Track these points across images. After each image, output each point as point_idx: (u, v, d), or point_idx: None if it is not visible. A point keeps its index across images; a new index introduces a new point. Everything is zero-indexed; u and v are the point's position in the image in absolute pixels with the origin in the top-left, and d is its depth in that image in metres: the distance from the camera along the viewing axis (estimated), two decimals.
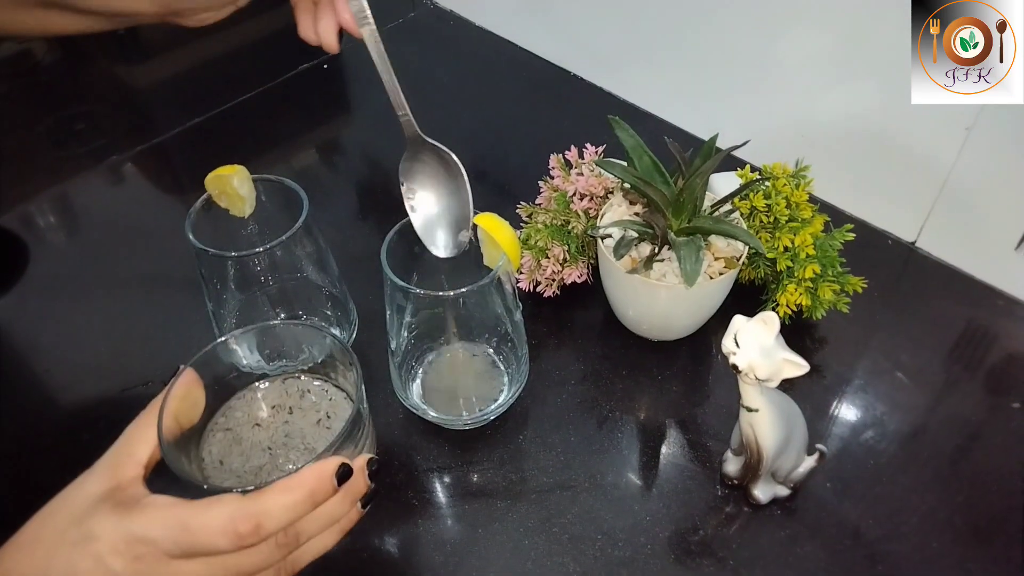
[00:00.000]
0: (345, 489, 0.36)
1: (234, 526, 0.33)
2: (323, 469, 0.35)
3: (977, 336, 0.61)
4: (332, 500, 0.36)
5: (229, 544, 0.33)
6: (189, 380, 0.41)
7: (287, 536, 0.35)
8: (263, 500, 0.34)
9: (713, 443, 0.54)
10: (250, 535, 0.33)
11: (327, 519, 0.37)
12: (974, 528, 0.50)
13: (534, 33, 0.91)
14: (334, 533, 0.38)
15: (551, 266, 0.61)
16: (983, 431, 0.55)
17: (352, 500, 0.37)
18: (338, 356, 0.44)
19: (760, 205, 0.59)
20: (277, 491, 0.34)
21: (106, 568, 0.33)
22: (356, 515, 0.39)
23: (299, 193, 0.52)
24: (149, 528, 0.33)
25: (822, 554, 0.49)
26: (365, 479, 0.38)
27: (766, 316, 0.43)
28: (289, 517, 0.34)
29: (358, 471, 0.37)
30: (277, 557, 0.35)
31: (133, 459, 0.37)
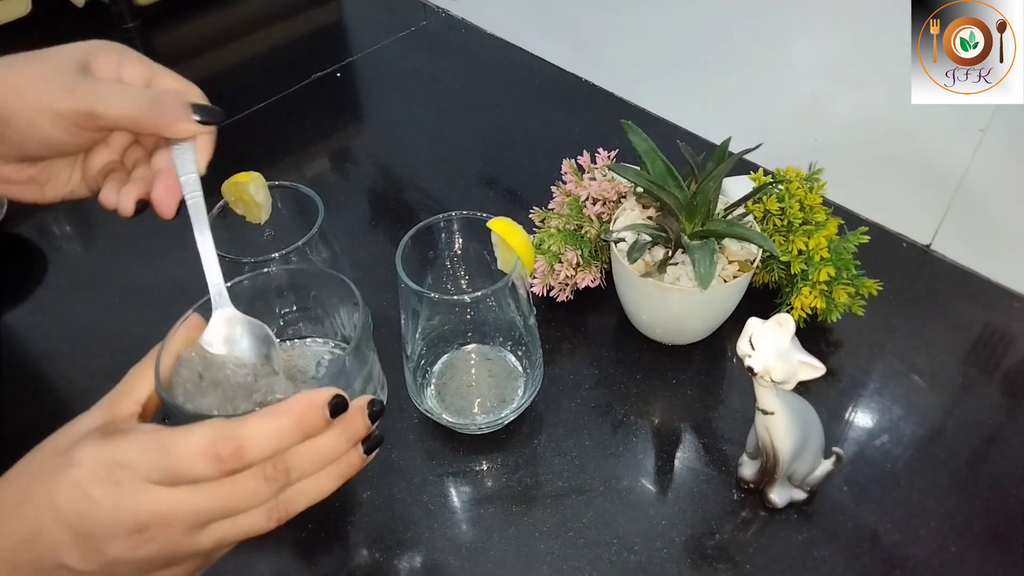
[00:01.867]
0: (341, 425, 0.34)
1: (214, 448, 0.31)
2: (313, 397, 0.33)
3: (994, 339, 0.61)
4: (326, 435, 0.34)
5: (209, 467, 0.31)
6: (193, 324, 0.39)
7: (276, 469, 0.32)
8: (246, 423, 0.32)
9: (728, 447, 0.54)
10: (231, 458, 0.31)
11: (321, 456, 0.34)
12: (993, 532, 0.49)
13: (546, 40, 0.92)
14: (332, 477, 0.35)
15: (564, 271, 0.61)
16: (1001, 434, 0.55)
17: (349, 439, 0.34)
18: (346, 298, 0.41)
19: (773, 208, 0.59)
20: (262, 416, 0.32)
21: (84, 494, 0.31)
22: (358, 461, 0.35)
23: (315, 199, 0.53)
24: (127, 452, 0.31)
25: (839, 558, 0.48)
26: (365, 420, 0.35)
27: (781, 318, 0.43)
28: (274, 444, 0.32)
29: (356, 409, 0.34)
30: (267, 493, 0.33)
31: (130, 397, 0.35)
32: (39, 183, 0.44)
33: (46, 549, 0.31)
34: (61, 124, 0.40)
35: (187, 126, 0.41)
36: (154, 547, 0.31)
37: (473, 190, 0.77)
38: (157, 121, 0.40)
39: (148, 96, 0.40)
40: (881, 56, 0.62)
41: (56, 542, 0.31)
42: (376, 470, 0.54)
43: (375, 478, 0.53)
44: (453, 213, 0.53)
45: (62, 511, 0.31)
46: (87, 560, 0.31)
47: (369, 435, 0.35)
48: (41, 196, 0.45)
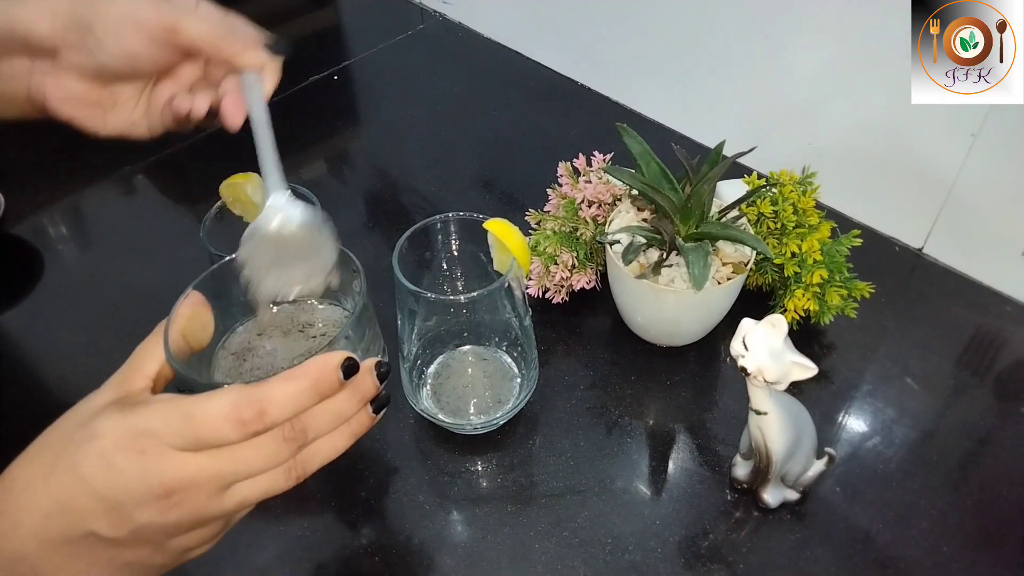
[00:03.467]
0: (352, 385, 0.35)
1: (237, 412, 0.32)
2: (327, 360, 0.34)
3: (985, 342, 0.62)
4: (339, 396, 0.35)
5: (233, 431, 0.32)
6: (195, 301, 0.40)
7: (294, 430, 0.34)
8: (267, 387, 0.33)
9: (722, 448, 0.55)
10: (254, 421, 0.32)
11: (335, 415, 0.35)
12: (984, 533, 0.50)
13: (542, 44, 0.92)
14: (345, 435, 0.37)
15: (560, 272, 0.61)
16: (992, 436, 0.55)
17: (360, 399, 0.36)
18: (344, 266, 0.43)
19: (767, 211, 0.59)
20: (281, 379, 0.33)
21: (109, 464, 0.32)
22: (368, 419, 0.37)
23: (312, 200, 0.53)
24: (151, 421, 0.32)
25: (832, 558, 0.49)
26: (374, 379, 0.36)
27: (774, 319, 0.43)
28: (294, 406, 0.33)
29: (365, 370, 0.36)
30: (286, 453, 0.34)
31: (141, 372, 0.36)
32: (104, 108, 0.46)
33: (75, 520, 0.32)
34: (143, 37, 0.42)
35: (258, 54, 0.44)
36: (181, 511, 0.32)
37: (469, 192, 0.78)
38: (232, 47, 0.43)
39: (226, 23, 0.43)
40: (875, 61, 0.63)
41: (85, 512, 0.32)
42: (372, 470, 0.54)
43: (371, 478, 0.54)
44: (450, 214, 0.53)
45: (90, 481, 0.32)
46: (117, 527, 0.32)
47: (377, 395, 0.37)
48: (102, 124, 0.46)
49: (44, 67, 0.44)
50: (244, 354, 0.43)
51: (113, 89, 0.46)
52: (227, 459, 0.33)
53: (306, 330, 0.44)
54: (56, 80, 0.44)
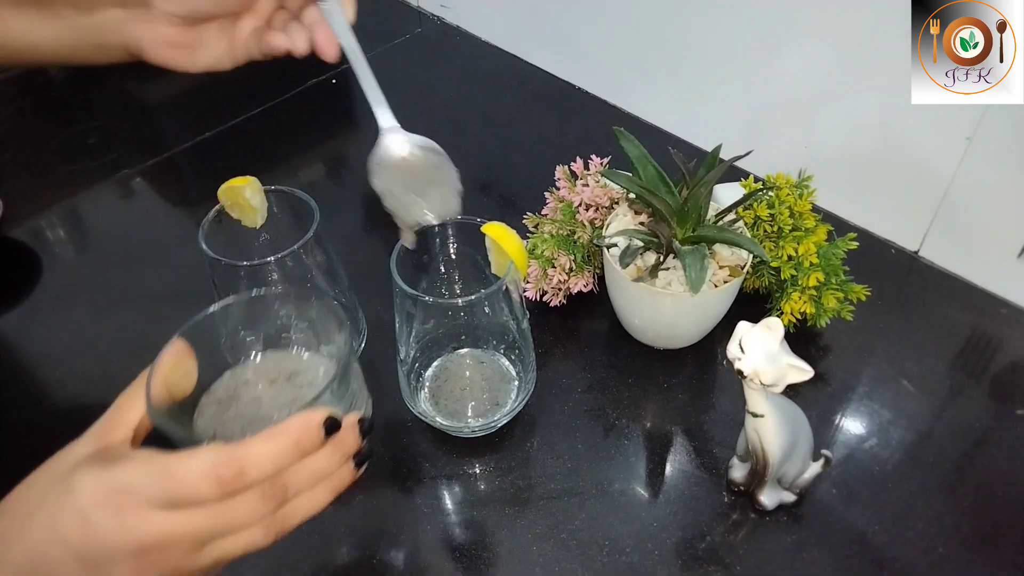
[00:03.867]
0: (334, 443, 0.35)
1: (216, 471, 0.32)
2: (309, 418, 0.34)
3: (981, 344, 0.62)
4: (320, 453, 0.35)
5: (211, 490, 0.32)
6: (179, 349, 0.39)
7: (274, 488, 0.34)
8: (247, 446, 0.33)
9: (719, 450, 0.55)
10: (233, 481, 0.32)
11: (316, 473, 0.35)
12: (980, 534, 0.50)
13: (539, 47, 0.92)
14: (326, 491, 0.37)
15: (557, 275, 0.61)
16: (988, 438, 0.55)
17: (342, 456, 0.36)
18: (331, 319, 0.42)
19: (764, 215, 0.59)
20: (262, 438, 0.33)
21: (86, 521, 0.31)
22: (349, 475, 0.37)
23: (310, 204, 0.53)
24: (130, 477, 0.32)
25: (828, 560, 0.49)
26: (356, 436, 0.37)
27: (770, 322, 0.43)
28: (274, 465, 0.33)
29: (348, 426, 0.36)
30: (265, 511, 0.34)
31: (122, 423, 0.36)
32: (193, 48, 0.49)
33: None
34: None
35: None
36: (158, 569, 0.32)
37: (467, 196, 0.77)
38: None
39: None
40: (870, 65, 0.63)
41: (61, 568, 0.32)
42: (370, 473, 0.54)
43: (368, 480, 0.54)
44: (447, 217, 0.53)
45: (66, 538, 0.31)
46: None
47: (359, 450, 0.37)
48: (192, 63, 0.50)
49: (137, 16, 0.47)
50: (229, 401, 0.42)
51: (200, 30, 0.49)
52: (205, 517, 0.33)
53: (293, 379, 0.44)
54: (150, 27, 0.48)
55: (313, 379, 0.43)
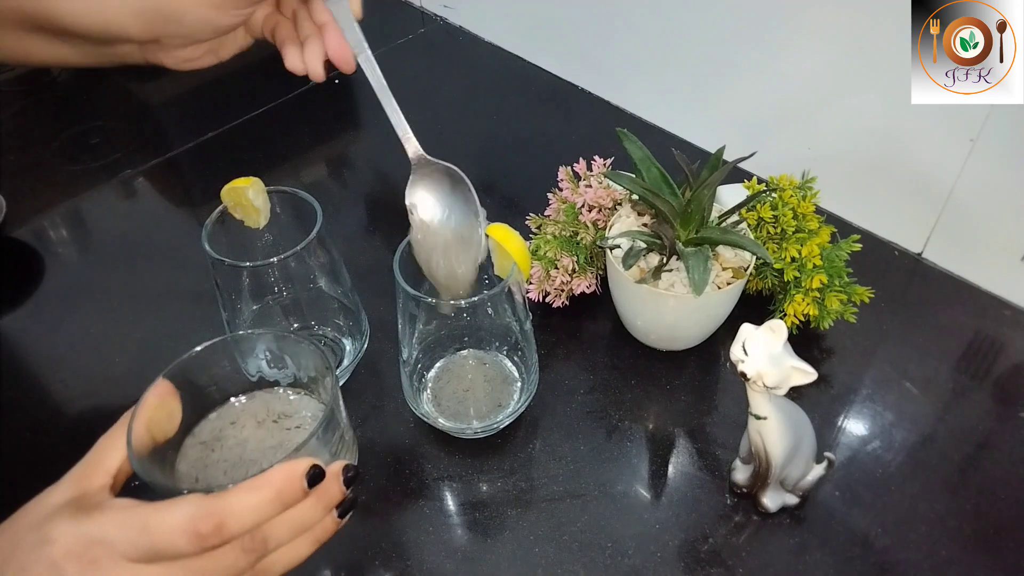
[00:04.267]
0: (317, 493, 0.35)
1: (195, 525, 0.31)
2: (292, 469, 0.33)
3: (984, 346, 0.62)
4: (303, 504, 0.34)
5: (189, 545, 0.31)
6: (163, 390, 0.39)
7: (254, 541, 0.33)
8: (227, 499, 0.32)
9: (722, 452, 0.55)
10: (212, 535, 0.31)
11: (298, 525, 0.35)
12: (983, 537, 0.50)
13: (542, 48, 0.92)
14: (308, 542, 0.36)
15: (560, 276, 0.61)
16: (991, 440, 0.55)
17: (325, 507, 0.36)
18: (318, 362, 0.42)
19: (767, 216, 0.59)
20: (242, 490, 0.33)
21: (59, 573, 0.31)
22: (332, 525, 0.37)
23: (313, 204, 0.53)
24: (106, 529, 0.31)
25: (831, 562, 0.49)
26: (340, 486, 0.36)
27: (774, 324, 0.43)
28: (255, 518, 0.33)
29: (332, 476, 0.35)
30: (244, 564, 0.33)
31: (101, 468, 0.35)
32: (214, 51, 0.51)
33: None
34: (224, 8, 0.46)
35: None
36: None
37: None
38: None
39: None
40: (873, 66, 0.63)
41: None
42: (372, 474, 0.54)
43: (371, 481, 0.54)
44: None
45: None
46: None
47: (343, 499, 0.36)
48: (217, 59, 0.51)
49: (151, 47, 0.48)
50: (213, 443, 0.42)
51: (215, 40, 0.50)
52: (182, 571, 0.32)
53: (280, 420, 0.43)
54: (167, 53, 0.49)
55: (301, 422, 0.43)
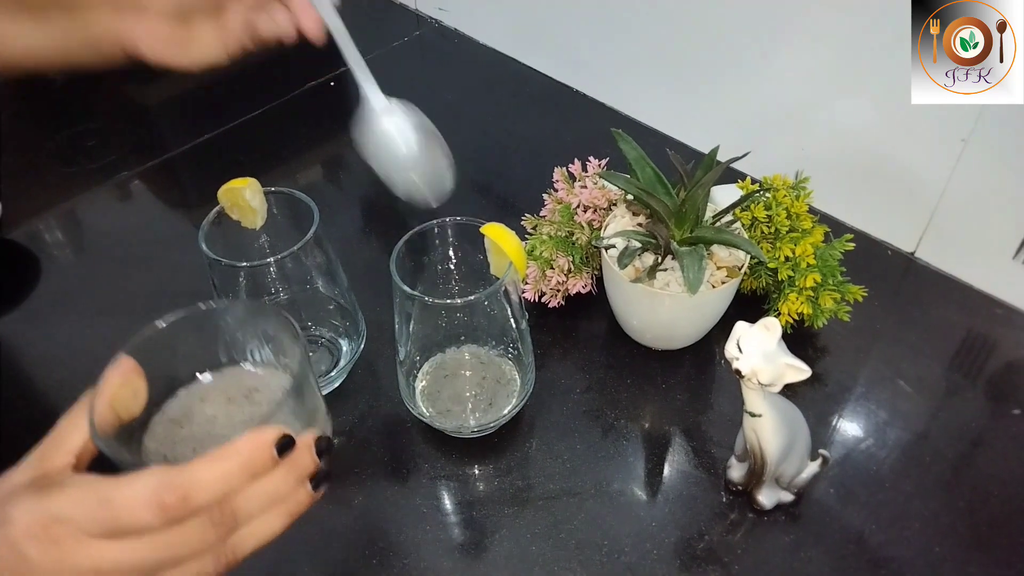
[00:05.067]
0: (288, 464, 0.33)
1: (159, 497, 0.29)
2: (260, 437, 0.32)
3: (977, 344, 0.62)
4: (274, 475, 0.33)
5: (154, 518, 0.30)
6: (125, 368, 0.37)
7: (223, 514, 0.31)
8: (192, 469, 0.31)
9: (717, 450, 0.55)
10: (177, 506, 0.30)
11: (269, 496, 0.33)
12: (976, 533, 0.50)
13: (537, 51, 0.93)
14: (281, 516, 0.34)
15: (556, 276, 0.62)
16: (984, 437, 0.56)
17: (297, 477, 0.34)
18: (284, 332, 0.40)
19: (761, 216, 0.60)
20: (208, 460, 0.31)
21: (19, 554, 0.29)
22: (306, 498, 0.35)
23: (310, 205, 0.54)
24: (66, 506, 0.30)
25: (826, 559, 0.49)
26: (312, 456, 0.34)
27: (768, 322, 0.44)
28: (221, 488, 0.31)
29: (303, 446, 0.34)
30: (214, 539, 0.32)
31: (63, 448, 0.34)
32: (185, 44, 0.49)
33: None
34: None
35: None
36: None
37: (466, 198, 0.78)
38: None
39: None
40: (865, 68, 0.63)
41: None
42: (368, 473, 0.54)
43: (368, 481, 0.54)
44: (447, 219, 0.53)
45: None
46: None
47: (316, 471, 0.35)
48: (188, 59, 0.50)
49: (127, 14, 0.48)
50: (182, 420, 0.40)
51: (192, 24, 0.49)
52: (148, 547, 0.30)
53: (251, 396, 0.42)
54: (141, 24, 0.48)
55: (272, 396, 0.41)
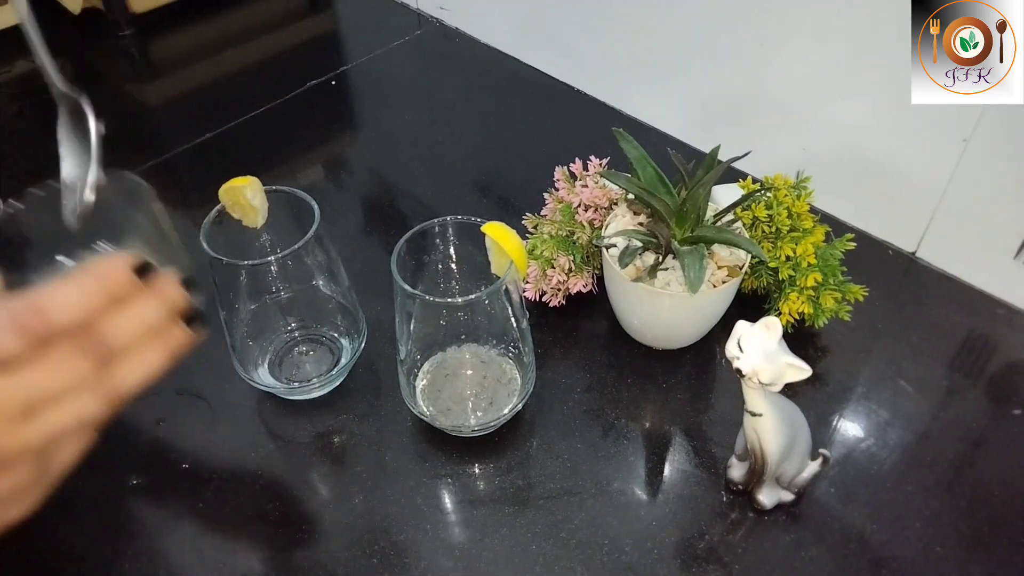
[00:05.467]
0: (155, 294, 0.33)
1: (15, 318, 0.29)
2: (114, 259, 0.31)
3: (978, 344, 0.62)
4: (140, 302, 0.32)
5: (14, 340, 0.29)
6: None
7: (91, 340, 0.31)
8: (46, 291, 0.30)
9: (718, 449, 0.55)
10: (37, 324, 0.29)
11: (139, 325, 0.32)
12: (977, 533, 0.50)
13: (538, 50, 0.93)
14: (158, 351, 0.33)
15: (557, 276, 0.62)
16: (985, 437, 0.56)
17: (167, 309, 0.33)
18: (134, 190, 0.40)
19: (762, 215, 0.60)
20: (63, 281, 0.30)
21: None
22: (182, 334, 0.34)
23: (311, 204, 0.54)
24: None
25: (827, 559, 0.49)
26: (178, 288, 0.34)
27: (768, 321, 0.44)
28: (79, 306, 0.30)
29: (167, 279, 0.33)
30: (87, 366, 0.31)
31: None
32: None
33: None
34: None
35: None
36: None
37: (467, 197, 0.78)
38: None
39: None
40: (866, 67, 0.63)
41: None
42: (369, 472, 0.54)
43: (369, 480, 0.54)
44: (448, 218, 0.53)
45: None
46: None
47: (189, 309, 0.34)
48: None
49: None
50: None
51: None
52: (18, 377, 0.29)
53: None
54: None
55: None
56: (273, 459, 0.56)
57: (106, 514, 0.53)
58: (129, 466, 0.55)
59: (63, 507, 0.52)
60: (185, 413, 0.58)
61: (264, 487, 0.54)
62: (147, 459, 0.56)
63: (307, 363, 0.59)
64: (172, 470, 0.55)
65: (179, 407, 0.59)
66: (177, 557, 0.51)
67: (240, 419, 0.58)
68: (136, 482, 0.54)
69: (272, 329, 0.59)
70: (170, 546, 0.51)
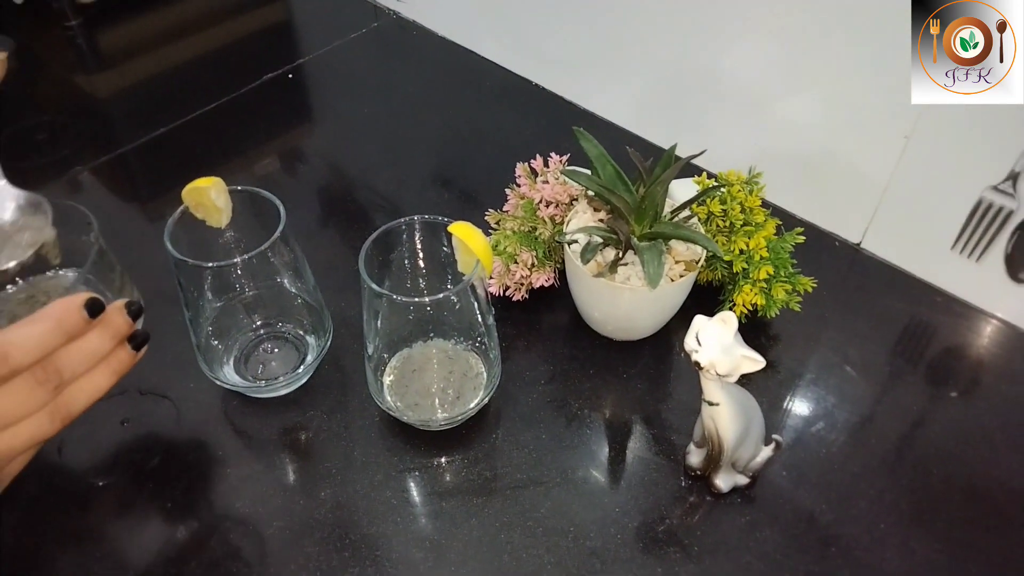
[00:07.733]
0: (102, 323, 0.36)
1: None
2: (69, 300, 0.35)
3: (918, 331, 0.65)
4: (90, 335, 0.36)
5: None
6: None
7: (47, 372, 0.34)
8: (7, 332, 0.33)
9: (676, 437, 0.57)
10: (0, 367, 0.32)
11: (89, 354, 0.36)
12: (918, 510, 0.53)
13: (497, 43, 0.93)
14: (105, 373, 0.37)
15: (520, 271, 0.63)
16: (924, 419, 0.59)
17: (113, 336, 0.37)
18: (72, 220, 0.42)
19: (716, 210, 0.62)
20: (22, 324, 0.34)
21: None
22: (128, 357, 0.38)
23: (275, 203, 0.54)
24: None
25: (780, 538, 0.52)
26: (125, 317, 0.38)
27: (725, 316, 0.46)
28: (38, 347, 0.34)
29: (115, 309, 0.37)
30: (42, 396, 0.34)
31: None
32: None
33: None
34: None
35: None
36: None
37: (428, 192, 0.79)
38: None
39: None
40: (814, 65, 0.66)
41: None
42: (338, 467, 0.55)
43: (338, 475, 0.55)
44: (415, 217, 0.54)
45: None
46: None
47: (135, 334, 0.38)
48: None
49: None
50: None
51: None
52: None
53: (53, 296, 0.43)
54: None
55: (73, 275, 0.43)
56: (241, 456, 0.56)
57: (72, 517, 0.52)
58: (94, 468, 0.55)
59: (27, 511, 0.52)
60: (149, 413, 0.58)
61: (232, 485, 0.54)
62: (112, 460, 0.55)
63: (273, 361, 0.59)
64: (138, 471, 0.55)
65: (143, 407, 0.58)
66: (145, 558, 0.51)
67: (206, 418, 0.58)
68: (102, 484, 0.54)
69: (237, 328, 0.59)
70: (138, 547, 0.51)
